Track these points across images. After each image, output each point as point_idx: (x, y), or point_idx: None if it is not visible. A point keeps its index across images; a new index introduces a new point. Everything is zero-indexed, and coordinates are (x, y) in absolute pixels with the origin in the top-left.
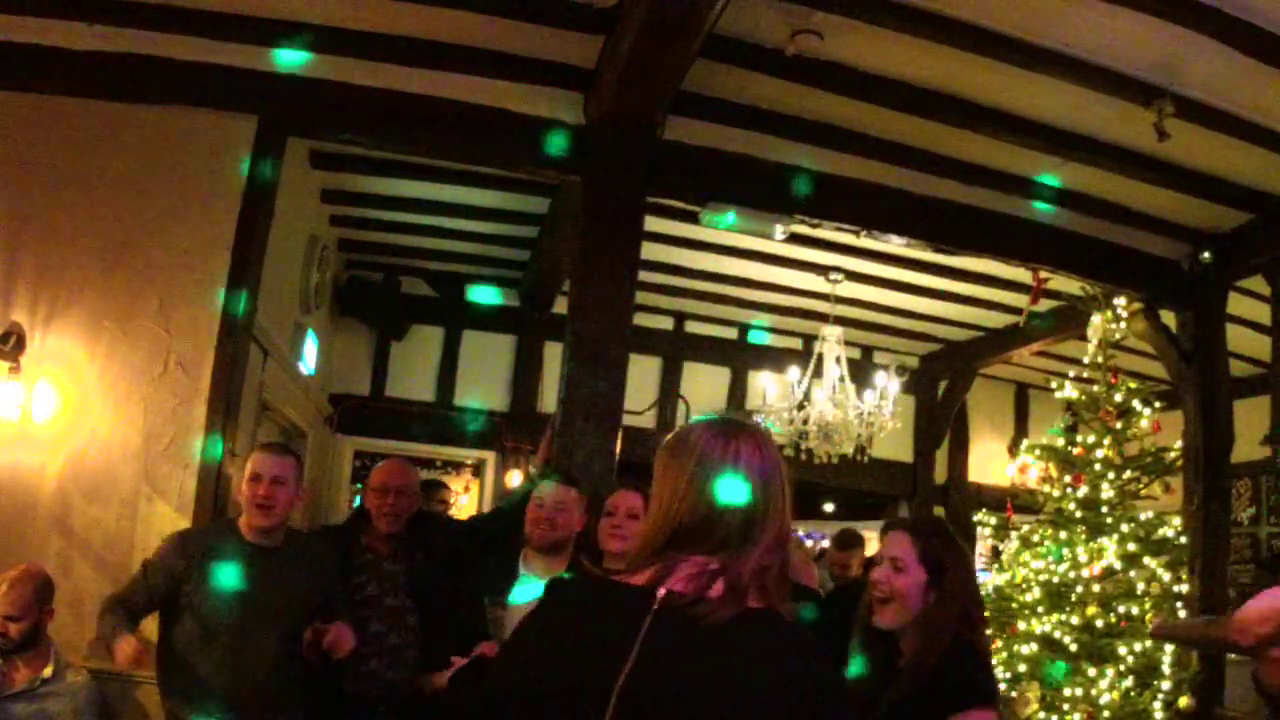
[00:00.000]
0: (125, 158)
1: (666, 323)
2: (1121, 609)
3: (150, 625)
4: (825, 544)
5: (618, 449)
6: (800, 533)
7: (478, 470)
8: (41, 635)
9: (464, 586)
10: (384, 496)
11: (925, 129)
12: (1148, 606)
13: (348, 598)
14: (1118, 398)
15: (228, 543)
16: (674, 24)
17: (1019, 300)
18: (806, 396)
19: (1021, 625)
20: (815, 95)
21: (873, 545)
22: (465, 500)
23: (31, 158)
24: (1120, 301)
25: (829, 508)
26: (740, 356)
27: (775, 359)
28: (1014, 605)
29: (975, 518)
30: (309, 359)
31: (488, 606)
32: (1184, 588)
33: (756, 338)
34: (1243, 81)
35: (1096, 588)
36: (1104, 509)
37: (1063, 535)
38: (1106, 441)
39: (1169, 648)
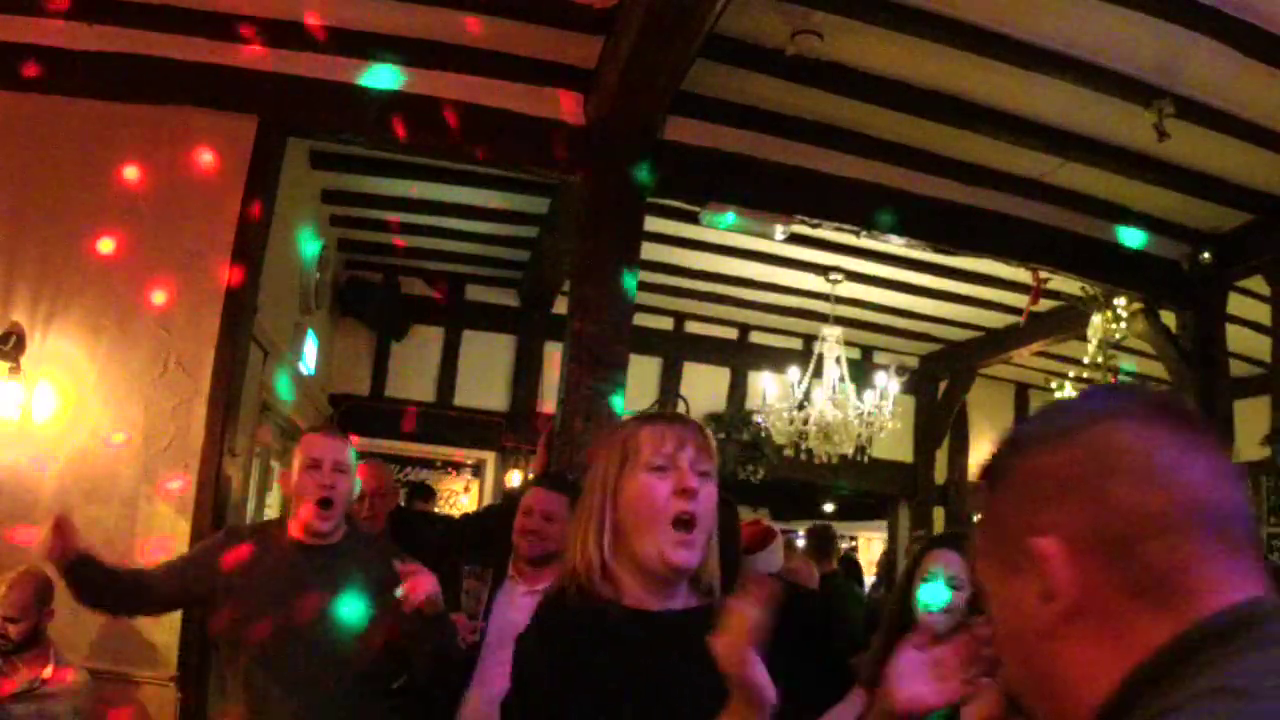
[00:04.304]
0: (125, 158)
1: (666, 323)
2: None
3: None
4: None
5: None
6: (799, 533)
7: (477, 470)
8: (41, 636)
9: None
10: (361, 502)
11: (925, 129)
12: None
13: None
14: None
15: (270, 539)
16: (674, 24)
17: (1019, 300)
18: (806, 396)
19: None
20: (815, 95)
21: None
22: (465, 500)
23: (31, 158)
24: (1120, 301)
25: (829, 508)
26: (740, 356)
27: (775, 359)
28: None
29: (975, 518)
30: (309, 359)
31: (465, 575)
32: None
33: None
34: (1243, 81)
35: None
36: None
37: None
38: None
39: None
